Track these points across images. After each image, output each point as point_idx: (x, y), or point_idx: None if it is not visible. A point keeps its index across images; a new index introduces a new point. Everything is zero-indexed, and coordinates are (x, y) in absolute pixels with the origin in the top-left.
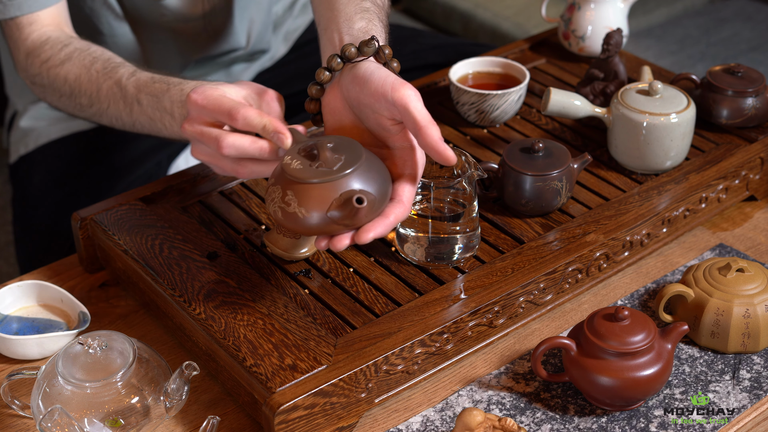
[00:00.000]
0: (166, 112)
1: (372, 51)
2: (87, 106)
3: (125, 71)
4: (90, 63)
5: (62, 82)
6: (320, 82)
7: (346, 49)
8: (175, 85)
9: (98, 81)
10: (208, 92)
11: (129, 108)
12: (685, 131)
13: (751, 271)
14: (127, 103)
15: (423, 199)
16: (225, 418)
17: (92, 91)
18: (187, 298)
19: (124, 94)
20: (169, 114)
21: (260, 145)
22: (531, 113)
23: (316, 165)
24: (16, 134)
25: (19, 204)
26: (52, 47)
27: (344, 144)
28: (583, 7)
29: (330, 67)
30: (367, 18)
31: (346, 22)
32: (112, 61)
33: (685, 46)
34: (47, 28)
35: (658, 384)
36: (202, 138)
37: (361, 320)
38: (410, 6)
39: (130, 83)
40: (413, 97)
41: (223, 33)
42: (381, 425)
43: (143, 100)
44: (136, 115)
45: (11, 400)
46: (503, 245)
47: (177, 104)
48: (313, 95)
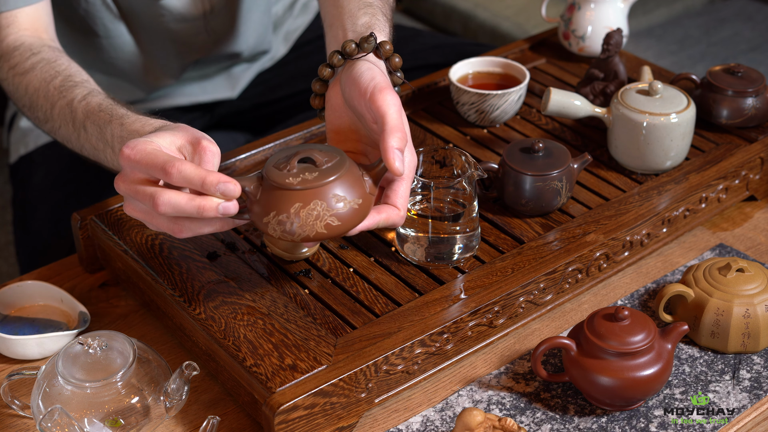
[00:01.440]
0: (107, 144)
1: (371, 47)
2: (43, 122)
3: (79, 92)
4: (51, 78)
5: (23, 92)
6: (323, 79)
7: (347, 46)
8: (117, 119)
9: (53, 98)
10: (140, 146)
11: (77, 133)
12: (685, 131)
13: (751, 271)
14: (76, 128)
15: (423, 199)
16: (225, 418)
17: (47, 107)
18: (187, 298)
19: (73, 118)
20: (110, 147)
21: (198, 203)
22: (531, 113)
23: (289, 170)
24: (16, 134)
25: (19, 204)
26: (21, 54)
27: (328, 153)
28: (583, 7)
29: (331, 63)
30: (371, 13)
31: (350, 18)
32: (71, 79)
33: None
34: (24, 32)
35: (658, 384)
36: (136, 195)
37: (361, 320)
38: (410, 6)
39: (80, 107)
40: (390, 101)
41: (223, 34)
42: (381, 425)
43: (89, 127)
44: (82, 140)
45: (11, 400)
46: (503, 245)
47: (117, 139)
48: (316, 91)
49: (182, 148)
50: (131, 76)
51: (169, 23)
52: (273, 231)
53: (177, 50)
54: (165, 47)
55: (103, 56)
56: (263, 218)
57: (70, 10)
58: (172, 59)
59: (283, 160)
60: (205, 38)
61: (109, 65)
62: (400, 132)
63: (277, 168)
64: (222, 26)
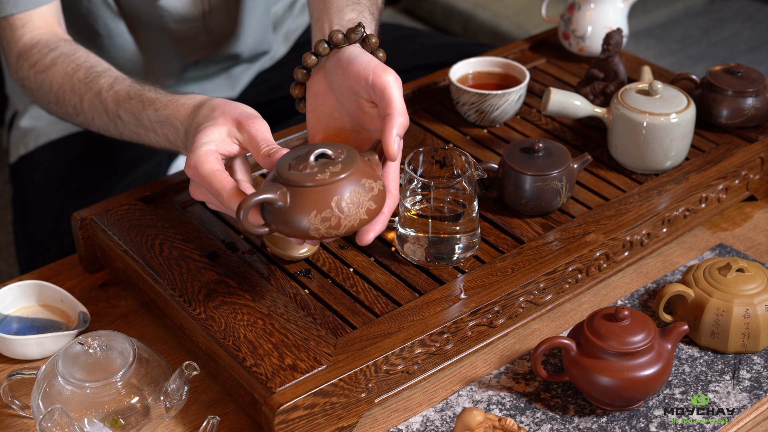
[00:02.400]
0: (148, 129)
1: (358, 38)
2: (74, 115)
3: (105, 82)
4: (73, 71)
5: (48, 88)
6: (307, 67)
7: (334, 35)
8: (148, 104)
9: (80, 91)
10: (200, 168)
11: (113, 122)
12: (685, 131)
13: (751, 271)
14: (110, 118)
15: (423, 199)
16: (225, 418)
17: (75, 101)
18: (187, 298)
19: (105, 108)
20: (152, 131)
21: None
22: (531, 113)
23: (310, 169)
24: (16, 134)
25: (20, 204)
26: (39, 51)
27: (333, 146)
28: (583, 7)
29: (317, 51)
30: (358, 10)
31: (337, 13)
32: (93, 69)
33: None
34: (39, 30)
35: (658, 384)
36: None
37: (361, 320)
38: (410, 6)
39: (110, 97)
40: (393, 83)
41: (222, 35)
42: (381, 425)
43: (123, 116)
44: (121, 129)
45: (11, 400)
46: (503, 245)
47: (156, 123)
48: (299, 79)
49: (231, 135)
50: (132, 76)
51: (168, 23)
52: (316, 231)
53: (177, 50)
54: (165, 47)
55: (104, 56)
56: (303, 221)
57: (72, 10)
58: (173, 59)
59: (295, 162)
60: (204, 38)
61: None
62: (403, 117)
63: (296, 170)
64: (221, 27)
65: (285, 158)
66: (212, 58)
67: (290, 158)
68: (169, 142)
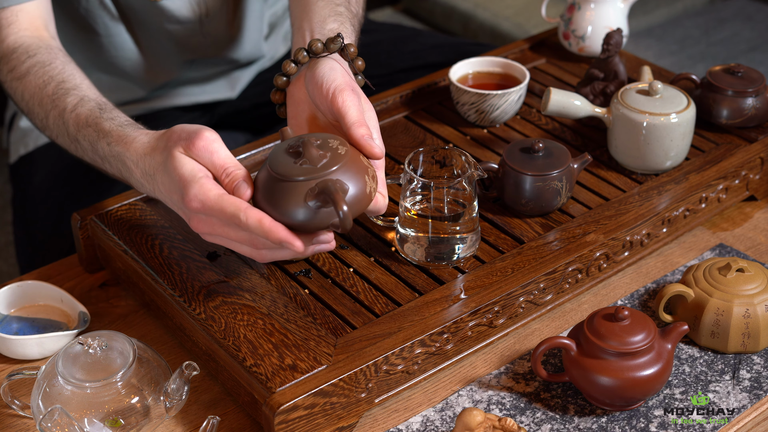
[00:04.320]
0: (104, 159)
1: (337, 47)
2: (42, 129)
3: (70, 101)
4: (44, 84)
5: (20, 98)
6: (286, 74)
7: (313, 44)
8: (102, 136)
9: (47, 107)
10: (204, 198)
11: (73, 145)
12: (685, 131)
13: (751, 271)
14: (71, 139)
15: (423, 199)
16: (225, 418)
17: (42, 116)
18: (187, 298)
19: (66, 130)
20: (107, 162)
21: (290, 241)
22: (531, 113)
23: (300, 162)
24: (16, 134)
25: (19, 204)
26: (18, 57)
27: (329, 141)
28: (583, 7)
29: (296, 59)
30: (340, 21)
31: (319, 22)
32: (62, 86)
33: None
34: (24, 32)
35: (658, 384)
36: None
37: (361, 320)
38: (410, 6)
39: (71, 119)
40: (349, 103)
41: (219, 38)
42: (381, 425)
43: (81, 141)
44: (80, 152)
45: (11, 400)
46: (503, 245)
47: (109, 155)
48: (278, 86)
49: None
50: (132, 76)
51: (166, 24)
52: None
53: (175, 50)
54: (164, 47)
55: (103, 55)
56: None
57: (70, 9)
58: (172, 59)
59: (291, 153)
60: (201, 40)
61: (110, 64)
62: (363, 126)
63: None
64: (217, 30)
65: (316, 136)
66: (211, 60)
67: (318, 136)
68: (122, 176)
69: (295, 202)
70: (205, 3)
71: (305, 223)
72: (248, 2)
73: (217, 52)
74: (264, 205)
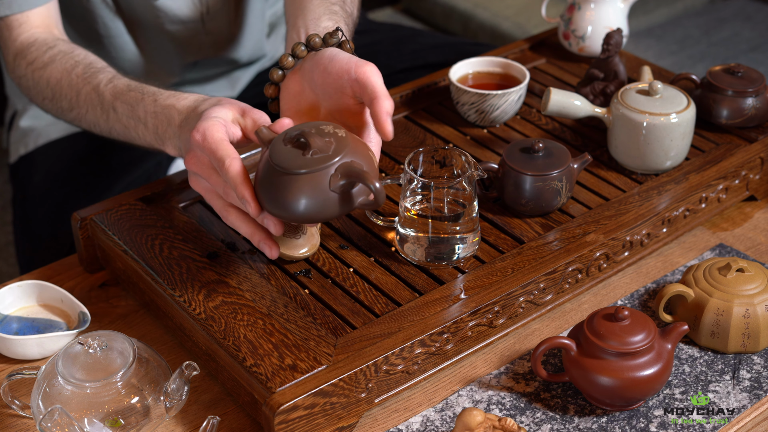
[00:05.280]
0: (139, 121)
1: (336, 42)
2: (67, 110)
3: (104, 77)
4: (71, 67)
5: (45, 84)
6: (283, 68)
7: (311, 39)
8: (149, 95)
9: (78, 85)
10: (209, 133)
11: (105, 114)
12: (685, 131)
13: (751, 271)
14: (104, 110)
15: (423, 199)
16: (225, 418)
17: (72, 95)
18: (187, 298)
19: (101, 100)
20: (143, 123)
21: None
22: (531, 113)
23: (311, 153)
24: (16, 134)
25: (19, 204)
26: (37, 49)
27: (323, 127)
28: (583, 7)
29: (295, 54)
30: (335, 20)
31: (314, 20)
32: (93, 66)
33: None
34: (36, 29)
35: (658, 384)
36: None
37: (361, 320)
38: (410, 6)
39: (108, 90)
40: (374, 72)
41: (221, 37)
42: (381, 425)
43: (118, 107)
44: (112, 122)
45: (11, 400)
46: (503, 245)
47: (150, 115)
48: (274, 80)
49: (236, 121)
50: (133, 76)
51: (166, 24)
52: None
53: (176, 51)
54: (164, 48)
55: (105, 56)
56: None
57: (72, 10)
58: (173, 60)
59: (293, 147)
60: (203, 39)
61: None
62: (389, 100)
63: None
64: (219, 28)
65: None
66: (212, 60)
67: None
68: (156, 135)
69: (321, 192)
70: (207, 1)
71: (336, 209)
72: (249, 1)
73: (218, 52)
74: (285, 207)
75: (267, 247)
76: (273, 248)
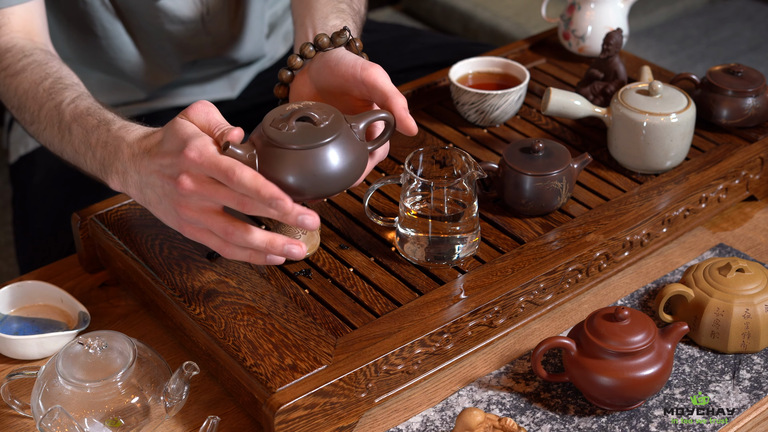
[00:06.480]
0: (89, 148)
1: (343, 41)
2: (29, 123)
3: (69, 95)
4: (41, 79)
5: (13, 93)
6: (292, 68)
7: (319, 39)
8: (104, 124)
9: (41, 100)
10: (204, 150)
11: (61, 135)
12: (685, 131)
13: (751, 271)
14: (61, 130)
15: (423, 199)
16: (225, 418)
17: (35, 109)
18: (187, 298)
19: (60, 119)
20: (92, 151)
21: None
22: (531, 113)
23: (319, 122)
24: (16, 134)
25: (19, 204)
26: (13, 56)
27: (302, 105)
28: (583, 7)
29: (303, 54)
30: (342, 18)
31: (321, 19)
32: (61, 81)
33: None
34: (16, 34)
35: (658, 384)
36: (206, 223)
37: (361, 320)
38: (410, 6)
39: (69, 110)
40: (380, 73)
41: (221, 37)
42: (381, 425)
43: (74, 130)
44: (65, 143)
45: (11, 400)
46: (503, 245)
47: (100, 144)
48: (284, 80)
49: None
50: (132, 76)
51: (166, 25)
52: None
53: (176, 51)
54: (164, 48)
55: (103, 56)
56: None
57: (69, 10)
58: (172, 60)
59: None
60: (203, 40)
61: (110, 65)
62: (401, 97)
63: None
64: (219, 29)
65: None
66: (212, 60)
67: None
68: (102, 166)
69: (356, 145)
70: (207, 1)
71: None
72: (249, 1)
73: (218, 52)
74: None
75: (295, 246)
76: (299, 244)
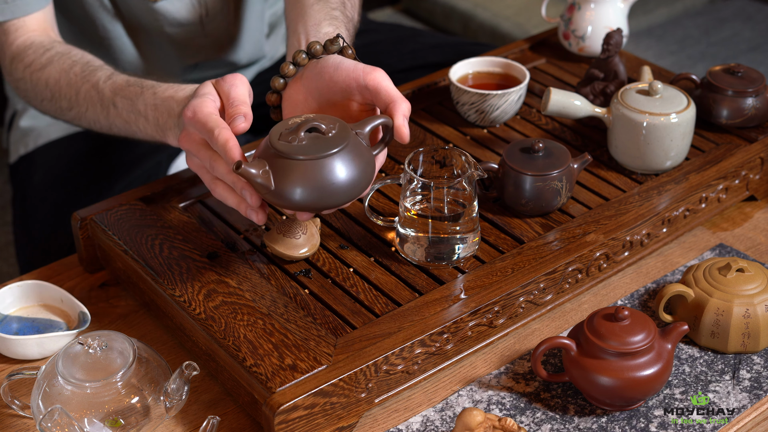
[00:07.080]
0: (140, 114)
1: (336, 49)
2: (67, 110)
3: (102, 74)
4: (69, 66)
5: (43, 86)
6: (284, 76)
7: (312, 46)
8: (148, 89)
9: (77, 84)
10: (198, 109)
11: (105, 111)
12: (685, 131)
13: (751, 271)
14: (104, 106)
15: (423, 199)
16: (225, 418)
17: (71, 94)
18: (187, 298)
19: (101, 97)
20: (143, 117)
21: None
22: (531, 113)
23: (327, 131)
24: (16, 134)
25: (19, 204)
26: (35, 52)
27: (305, 118)
28: (583, 7)
29: (296, 61)
30: (335, 25)
31: (314, 26)
32: (90, 64)
33: (685, 46)
34: (32, 33)
35: (658, 384)
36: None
37: (361, 320)
38: (410, 6)
39: (107, 86)
40: (384, 77)
41: (221, 39)
42: (381, 425)
43: (118, 103)
44: (112, 117)
45: (11, 400)
46: (503, 245)
47: (150, 107)
48: (276, 88)
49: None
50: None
51: (165, 27)
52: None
53: (175, 53)
54: (163, 50)
55: (103, 58)
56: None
57: (70, 12)
58: (172, 62)
59: (314, 140)
60: (202, 41)
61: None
62: (406, 102)
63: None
64: (219, 30)
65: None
66: (212, 62)
67: (284, 128)
68: (158, 127)
69: (365, 152)
70: (206, 2)
71: (374, 162)
72: (249, 1)
73: (218, 54)
74: (341, 188)
75: (254, 213)
76: (260, 213)
